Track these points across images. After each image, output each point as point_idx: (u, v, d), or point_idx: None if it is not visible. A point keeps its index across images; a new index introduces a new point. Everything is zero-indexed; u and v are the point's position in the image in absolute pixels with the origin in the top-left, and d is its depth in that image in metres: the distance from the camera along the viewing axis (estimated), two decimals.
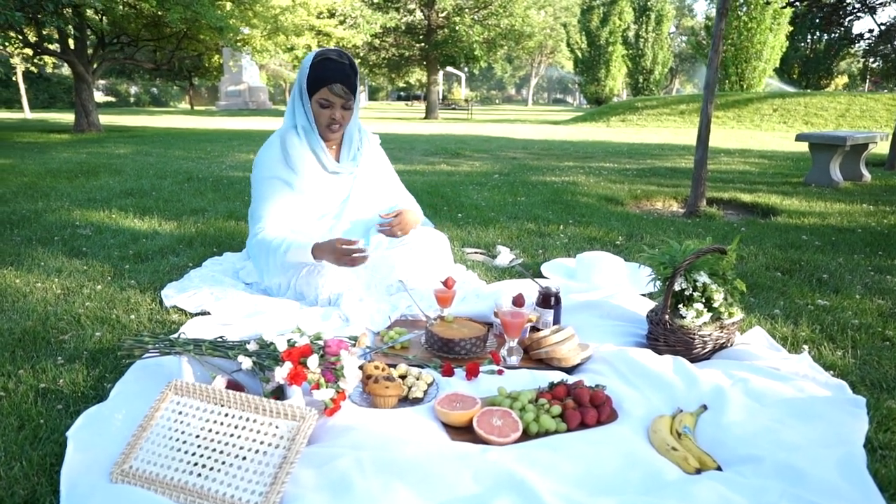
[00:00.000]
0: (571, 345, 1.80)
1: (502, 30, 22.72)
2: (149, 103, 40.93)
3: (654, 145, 10.44)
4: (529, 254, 3.10)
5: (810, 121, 14.95)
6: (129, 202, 4.40)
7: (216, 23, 11.18)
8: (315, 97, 2.22)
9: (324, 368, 1.46)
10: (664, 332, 1.82)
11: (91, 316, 2.15)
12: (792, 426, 1.40)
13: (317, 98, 2.21)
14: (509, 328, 1.79)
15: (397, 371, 1.68)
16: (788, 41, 23.21)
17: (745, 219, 4.33)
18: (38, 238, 3.29)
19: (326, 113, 2.23)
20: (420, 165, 7.13)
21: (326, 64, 2.17)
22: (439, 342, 1.83)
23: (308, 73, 2.19)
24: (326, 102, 2.21)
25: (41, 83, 32.24)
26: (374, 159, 2.53)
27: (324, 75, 2.17)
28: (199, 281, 2.50)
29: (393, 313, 2.15)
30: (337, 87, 2.17)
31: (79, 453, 1.30)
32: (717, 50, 4.36)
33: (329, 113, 2.23)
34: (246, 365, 1.48)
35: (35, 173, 5.94)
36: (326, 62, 2.17)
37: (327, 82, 2.16)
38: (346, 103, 2.23)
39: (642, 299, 2.29)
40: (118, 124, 15.19)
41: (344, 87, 2.18)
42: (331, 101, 2.21)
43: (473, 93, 51.98)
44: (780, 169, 7.13)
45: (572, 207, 4.44)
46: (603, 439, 1.40)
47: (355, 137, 2.40)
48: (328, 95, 2.19)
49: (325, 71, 2.17)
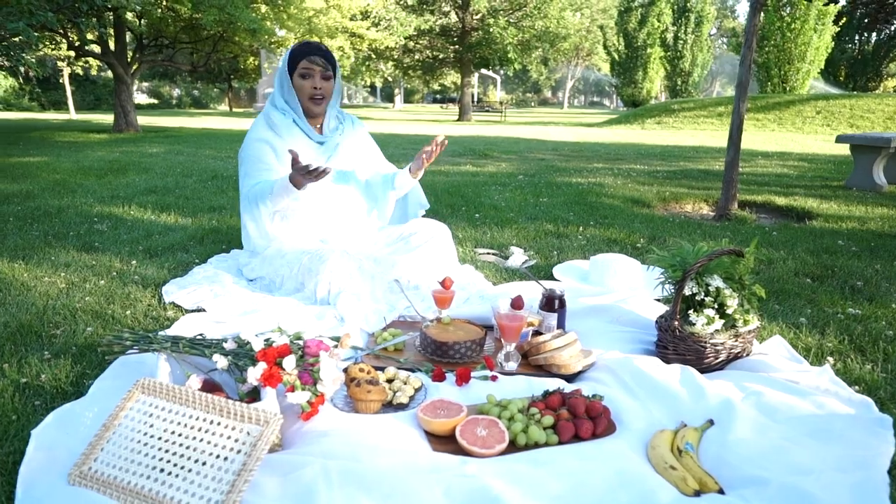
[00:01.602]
0: (573, 351, 1.69)
1: (537, 31, 22.50)
2: (190, 105, 41.81)
3: (688, 147, 10.16)
4: (543, 255, 2.99)
5: (856, 123, 14.39)
6: (150, 199, 4.43)
7: (250, 25, 11.32)
8: (296, 72, 2.33)
9: (301, 370, 1.39)
10: (673, 340, 1.70)
11: (87, 311, 2.12)
12: (805, 446, 1.27)
13: (298, 71, 2.33)
14: (506, 332, 1.69)
15: (385, 375, 1.60)
16: (834, 42, 22.45)
17: (779, 222, 4.13)
18: (55, 233, 3.31)
19: (308, 84, 2.34)
20: (445, 166, 7.05)
21: (304, 45, 2.35)
22: (433, 345, 1.74)
23: (288, 55, 2.35)
24: (307, 72, 2.32)
25: (87, 86, 33.21)
26: (359, 136, 2.63)
27: (302, 51, 2.32)
28: (201, 277, 2.46)
29: (390, 314, 2.07)
30: (315, 57, 2.31)
31: (41, 452, 1.25)
32: (751, 46, 4.17)
33: (310, 83, 2.33)
34: (221, 364, 1.41)
35: (67, 171, 6.05)
36: (304, 44, 2.35)
37: (306, 55, 2.31)
38: (325, 73, 2.34)
39: (657, 304, 2.17)
40: (156, 125, 15.50)
41: (321, 58, 2.31)
42: (311, 70, 2.32)
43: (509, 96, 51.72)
44: (820, 172, 6.83)
45: (595, 209, 4.31)
46: (596, 454, 1.30)
47: (336, 113, 2.52)
48: (307, 65, 2.31)
49: (303, 49, 2.33)
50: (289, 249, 2.36)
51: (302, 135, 2.42)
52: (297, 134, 2.41)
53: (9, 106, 28.00)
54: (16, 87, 29.70)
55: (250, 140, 2.42)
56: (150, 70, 34.62)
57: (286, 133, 2.39)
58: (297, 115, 2.40)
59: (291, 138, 2.40)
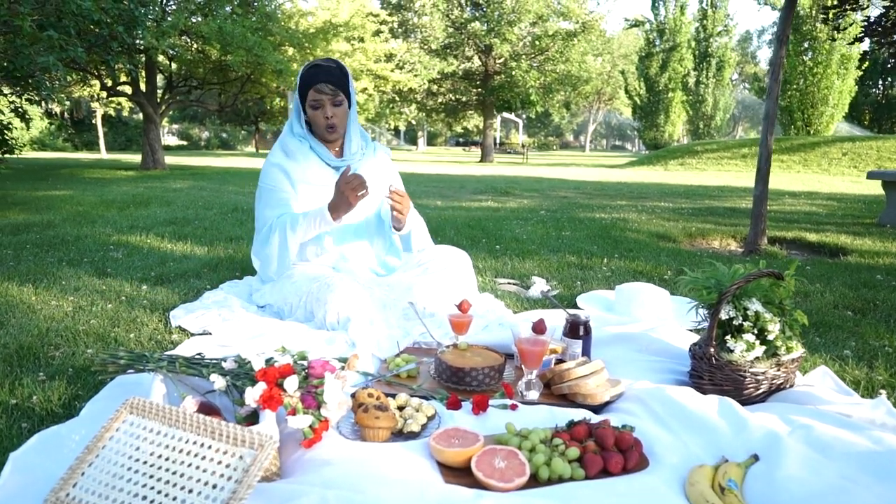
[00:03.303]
0: (599, 379, 1.56)
1: (559, 75, 22.73)
2: (217, 147, 42.73)
3: (713, 187, 10.02)
4: (566, 286, 2.87)
5: (883, 165, 14.14)
6: (169, 229, 4.41)
7: (277, 66, 11.56)
8: (307, 103, 2.24)
9: (304, 392, 1.28)
10: (709, 369, 1.56)
11: (90, 333, 2.04)
12: (866, 486, 1.12)
13: (308, 102, 2.23)
14: (527, 357, 1.57)
15: (396, 401, 1.48)
16: (858, 86, 22.32)
17: (811, 258, 3.97)
18: (70, 259, 3.28)
19: (319, 114, 2.24)
20: (466, 202, 6.99)
21: (312, 70, 2.21)
22: (448, 371, 1.63)
23: (299, 82, 2.24)
24: (316, 103, 2.22)
25: (119, 127, 34.12)
26: (379, 162, 2.49)
27: (310, 80, 2.20)
28: (210, 302, 2.38)
29: (403, 339, 1.96)
30: (322, 85, 2.19)
31: (17, 476, 1.15)
32: (777, 79, 4.09)
33: (322, 113, 2.24)
34: (219, 385, 1.31)
35: (90, 203, 6.10)
36: (313, 69, 2.21)
37: (313, 84, 2.20)
38: (335, 99, 2.23)
39: (688, 334, 2.03)
40: (183, 164, 15.78)
41: (329, 84, 2.19)
42: (319, 100, 2.22)
43: (531, 139, 52.16)
44: (851, 210, 6.65)
45: (619, 242, 4.18)
46: (627, 490, 1.16)
47: (356, 138, 2.39)
48: (315, 95, 2.21)
49: (311, 76, 2.20)
50: (298, 276, 2.28)
51: (317, 159, 2.35)
52: (313, 158, 2.34)
53: (43, 146, 28.84)
54: (51, 128, 30.68)
55: (268, 165, 2.37)
56: (180, 112, 35.65)
57: (301, 158, 2.33)
58: (312, 141, 2.34)
59: (306, 163, 2.33)
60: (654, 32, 30.96)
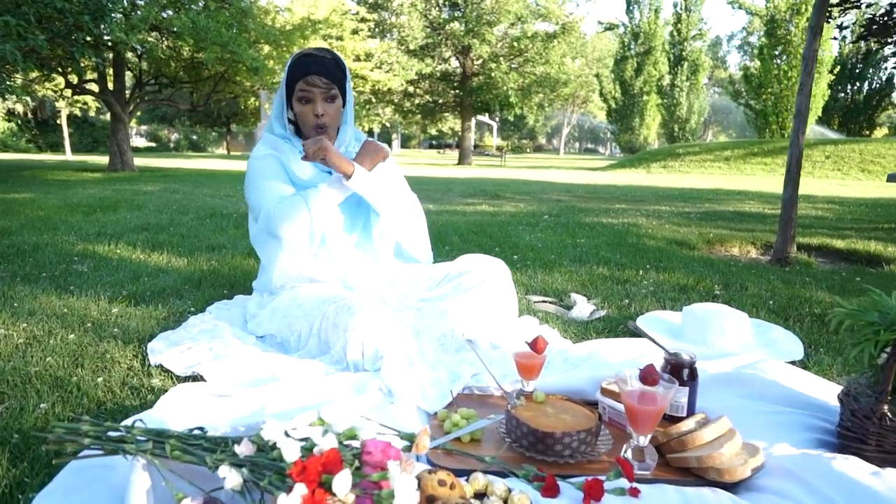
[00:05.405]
0: (734, 446, 1.18)
1: (538, 77, 22.49)
2: (187, 149, 41.63)
3: (706, 190, 9.80)
4: (613, 304, 2.49)
5: (867, 168, 14.16)
6: (141, 237, 3.92)
7: (252, 63, 11.03)
8: (295, 97, 1.89)
9: (360, 495, 0.87)
10: (879, 431, 1.19)
11: (46, 377, 1.60)
12: None
13: (297, 96, 1.88)
14: (640, 420, 1.17)
15: (471, 486, 1.07)
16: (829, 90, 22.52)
17: (848, 267, 3.67)
18: (25, 274, 2.79)
19: (309, 109, 1.87)
20: (459, 206, 6.60)
21: (304, 59, 1.88)
22: (531, 436, 1.22)
23: (287, 74, 1.90)
24: (306, 95, 1.86)
25: (86, 128, 32.95)
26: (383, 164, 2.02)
27: (300, 68, 1.86)
28: (197, 331, 1.94)
29: (455, 385, 1.54)
30: (313, 77, 1.84)
31: None
32: (810, 73, 3.79)
33: (311, 108, 1.87)
34: (231, 483, 0.89)
35: (52, 207, 5.56)
36: (304, 58, 1.88)
37: (304, 75, 1.85)
38: (328, 94, 1.87)
39: (794, 371, 1.66)
40: (153, 165, 15.08)
41: (322, 76, 1.84)
42: (310, 93, 1.86)
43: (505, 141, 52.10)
44: (859, 214, 6.42)
45: (641, 251, 3.83)
46: None
47: (349, 136, 2.03)
48: (305, 87, 1.85)
49: (302, 66, 1.86)
50: (305, 298, 1.85)
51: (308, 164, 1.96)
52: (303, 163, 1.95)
53: (5, 147, 27.69)
54: (13, 128, 29.47)
55: (256, 159, 1.98)
56: (148, 113, 34.59)
57: (292, 157, 1.96)
58: (298, 143, 1.97)
59: (296, 166, 1.95)
60: (628, 36, 31.05)
